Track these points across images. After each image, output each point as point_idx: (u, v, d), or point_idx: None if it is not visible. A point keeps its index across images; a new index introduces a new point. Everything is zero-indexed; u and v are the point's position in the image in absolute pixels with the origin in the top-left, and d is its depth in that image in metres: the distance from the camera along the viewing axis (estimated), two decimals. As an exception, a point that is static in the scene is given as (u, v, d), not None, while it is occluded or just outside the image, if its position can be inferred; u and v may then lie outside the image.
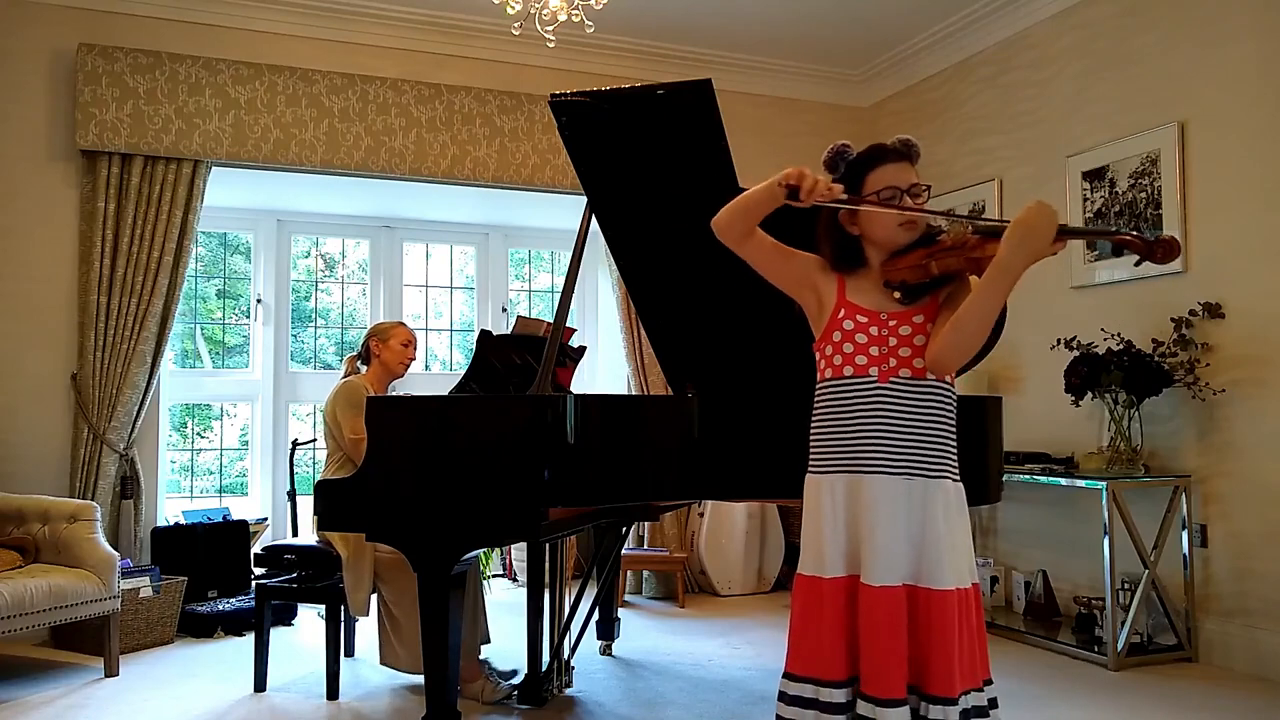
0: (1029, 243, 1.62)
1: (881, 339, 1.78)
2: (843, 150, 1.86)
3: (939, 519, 1.73)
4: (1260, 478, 3.50)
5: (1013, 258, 1.62)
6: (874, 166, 1.82)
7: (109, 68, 4.18)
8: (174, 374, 4.90)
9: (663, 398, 2.95)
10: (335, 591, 3.19)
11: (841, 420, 1.80)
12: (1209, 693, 3.28)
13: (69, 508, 3.60)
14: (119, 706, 3.14)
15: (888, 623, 1.68)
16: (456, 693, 2.58)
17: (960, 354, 1.73)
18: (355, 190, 4.94)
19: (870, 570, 1.71)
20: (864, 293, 1.83)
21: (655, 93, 2.51)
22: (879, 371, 1.77)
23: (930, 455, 1.75)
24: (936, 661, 1.68)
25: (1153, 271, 3.88)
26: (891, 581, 1.70)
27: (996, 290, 1.66)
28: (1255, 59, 3.55)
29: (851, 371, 1.79)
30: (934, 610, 1.69)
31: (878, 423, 1.76)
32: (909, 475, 1.74)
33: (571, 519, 3.03)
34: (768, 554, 5.10)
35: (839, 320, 1.82)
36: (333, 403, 3.34)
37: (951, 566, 1.71)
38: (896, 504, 1.72)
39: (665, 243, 2.87)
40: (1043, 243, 1.62)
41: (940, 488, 1.74)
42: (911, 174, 1.82)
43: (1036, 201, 1.63)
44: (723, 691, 3.31)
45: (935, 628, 1.69)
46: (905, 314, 1.78)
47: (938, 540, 1.72)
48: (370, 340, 3.52)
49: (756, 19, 4.85)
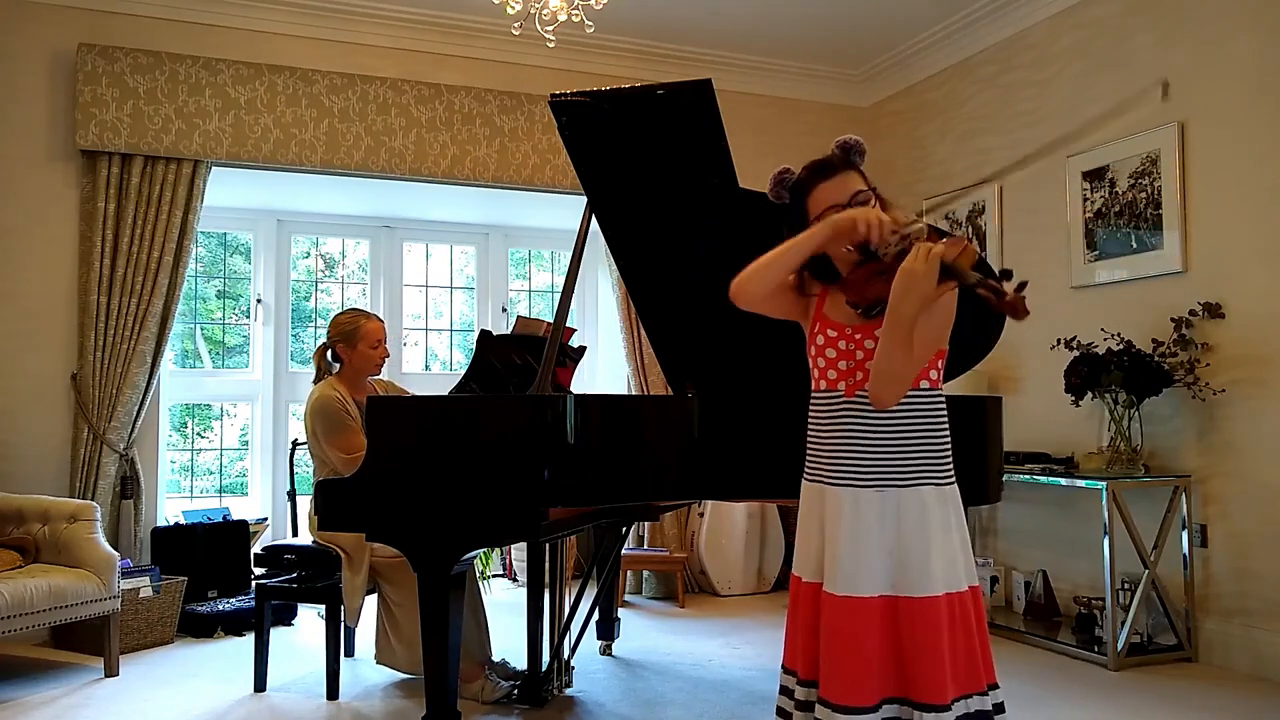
0: (910, 290, 1.61)
1: (849, 353, 1.78)
2: (783, 177, 1.85)
3: (917, 527, 1.71)
4: (1260, 478, 3.50)
5: (897, 305, 1.63)
6: (811, 189, 1.80)
7: (109, 68, 4.18)
8: (174, 374, 4.91)
9: (663, 398, 2.95)
10: (335, 591, 3.19)
11: (817, 433, 1.84)
12: (1209, 693, 3.28)
13: (69, 508, 3.60)
14: (119, 706, 3.14)
15: (846, 631, 1.69)
16: (456, 693, 2.57)
17: (890, 390, 1.71)
18: (355, 190, 4.94)
19: (832, 580, 1.73)
20: (836, 307, 1.83)
21: (655, 93, 2.52)
22: (846, 385, 1.78)
23: (903, 464, 1.73)
24: (924, 669, 1.67)
25: (1153, 271, 3.89)
26: (856, 592, 1.69)
27: (893, 335, 1.65)
28: (1255, 59, 3.55)
29: (825, 385, 1.82)
30: (917, 618, 1.68)
31: (844, 436, 1.77)
32: (880, 486, 1.73)
33: (571, 519, 3.03)
34: (768, 554, 5.10)
35: (814, 334, 1.84)
36: (310, 418, 3.21)
37: (938, 572, 1.70)
38: (869, 516, 1.72)
39: (665, 242, 2.87)
40: (924, 289, 1.61)
41: (915, 495, 1.73)
42: (852, 182, 1.78)
43: (925, 244, 1.61)
44: (723, 691, 3.31)
45: (920, 635, 1.68)
46: (869, 327, 1.76)
47: (916, 548, 1.70)
48: (335, 344, 3.32)
49: (756, 19, 4.85)
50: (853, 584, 1.70)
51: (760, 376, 2.90)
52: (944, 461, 1.78)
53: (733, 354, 3.00)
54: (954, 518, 1.76)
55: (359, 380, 3.37)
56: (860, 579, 1.70)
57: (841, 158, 1.81)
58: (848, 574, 1.71)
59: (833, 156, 1.82)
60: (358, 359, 3.32)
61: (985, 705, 1.72)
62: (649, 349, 4.77)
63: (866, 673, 1.68)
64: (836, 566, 1.72)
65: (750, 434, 2.59)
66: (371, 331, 3.33)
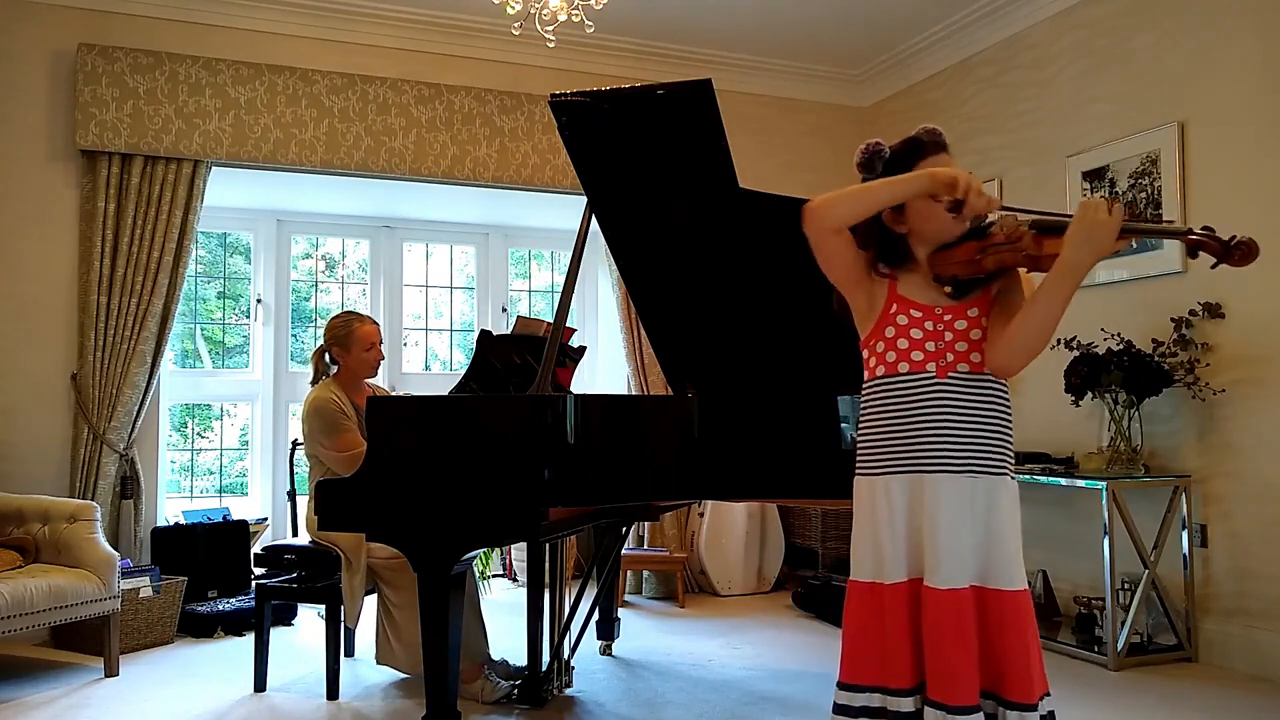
0: (1094, 241, 1.57)
1: (937, 334, 1.72)
2: (878, 150, 1.78)
3: (1004, 517, 1.68)
4: (1260, 478, 3.50)
5: (1078, 257, 1.58)
6: (916, 163, 1.75)
7: (109, 68, 4.18)
8: (174, 374, 4.91)
9: (663, 398, 2.95)
10: (335, 591, 3.19)
11: (898, 418, 1.73)
12: (1209, 693, 3.28)
13: (69, 508, 3.60)
14: (119, 706, 3.13)
15: (955, 626, 1.62)
16: (456, 693, 2.57)
17: (1028, 354, 1.67)
18: (355, 190, 4.94)
19: (935, 573, 1.65)
20: (915, 288, 1.76)
21: (655, 93, 2.51)
22: (937, 367, 1.71)
23: (992, 451, 1.70)
24: (1013, 665, 1.62)
25: (1152, 271, 3.89)
26: (958, 584, 1.64)
27: (1063, 290, 1.61)
28: (1255, 59, 3.55)
29: (907, 368, 1.72)
30: (1006, 611, 1.64)
31: (939, 419, 1.69)
32: (973, 473, 1.68)
33: (571, 519, 3.03)
34: (768, 554, 5.10)
35: (891, 316, 1.75)
36: (306, 420, 3.24)
37: (1020, 566, 1.67)
38: (961, 503, 1.67)
39: (665, 242, 2.87)
40: (1107, 241, 1.57)
41: (1004, 485, 1.70)
42: (951, 164, 1.74)
43: (1098, 197, 1.60)
44: (723, 691, 3.31)
45: (1010, 629, 1.63)
46: (959, 308, 1.72)
47: (1004, 539, 1.67)
48: (331, 348, 3.36)
49: (756, 19, 4.85)
50: (954, 575, 1.64)
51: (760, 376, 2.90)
52: (1012, 453, 1.75)
53: (733, 354, 3.00)
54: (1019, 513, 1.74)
55: (355, 382, 3.40)
56: (957, 570, 1.64)
57: (939, 141, 1.79)
58: (949, 566, 1.64)
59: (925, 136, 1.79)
60: (353, 362, 3.35)
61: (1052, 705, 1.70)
62: (649, 349, 4.77)
63: (973, 667, 1.62)
64: (939, 558, 1.65)
65: (750, 434, 2.58)
66: (365, 335, 3.35)
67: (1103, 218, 1.57)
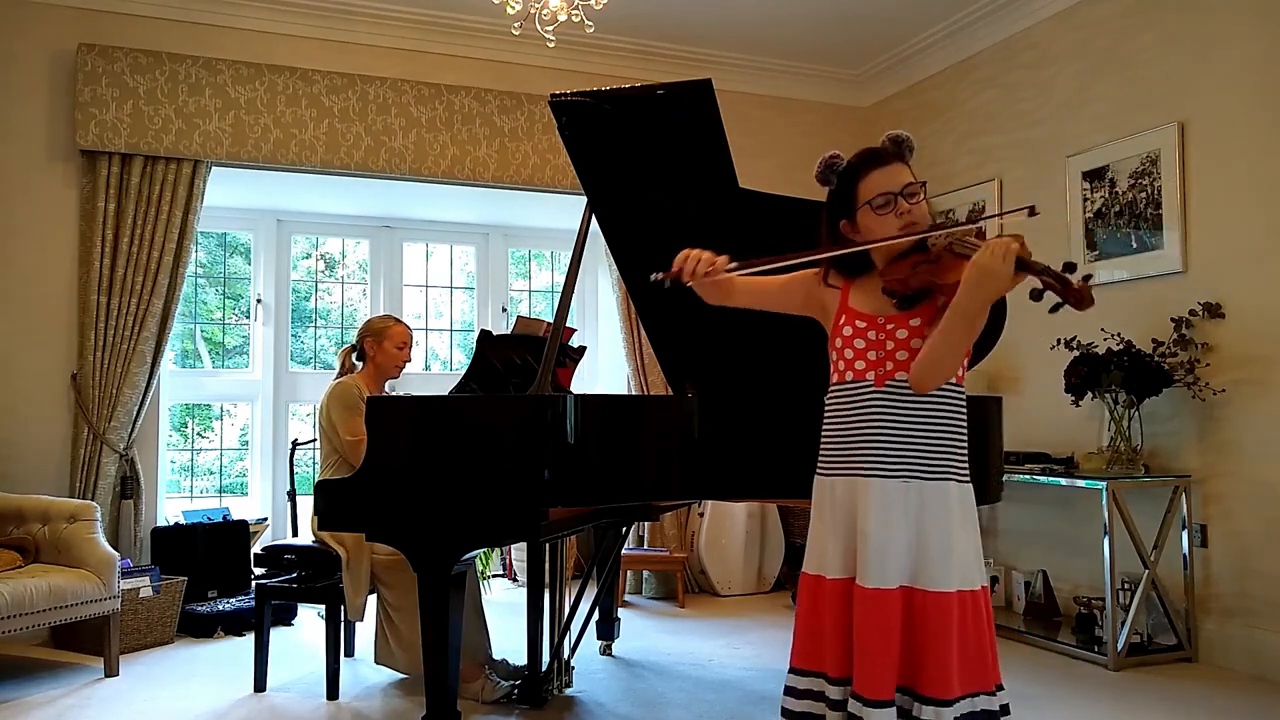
0: (984, 287, 1.60)
1: (879, 343, 1.78)
2: (832, 162, 1.84)
3: (940, 521, 1.72)
4: (1260, 478, 3.50)
5: (970, 301, 1.62)
6: (863, 175, 1.80)
7: (109, 68, 4.18)
8: (174, 374, 4.91)
9: (663, 397, 2.95)
10: (335, 591, 3.19)
11: (842, 424, 1.82)
12: (1209, 693, 3.28)
13: (69, 508, 3.60)
14: (119, 706, 3.13)
15: (879, 625, 1.69)
16: (456, 693, 2.57)
17: (934, 378, 1.73)
18: (355, 190, 4.94)
19: (863, 573, 1.72)
20: (866, 297, 1.82)
21: (655, 93, 2.51)
22: (876, 375, 1.77)
23: (930, 457, 1.74)
24: (932, 663, 1.68)
25: (1152, 271, 3.89)
26: (885, 584, 1.70)
27: (956, 326, 1.66)
28: (1255, 59, 3.55)
29: (851, 376, 1.81)
30: (931, 612, 1.69)
31: (875, 426, 1.76)
32: (906, 478, 1.73)
33: (571, 519, 3.03)
34: (768, 554, 5.10)
35: (839, 327, 1.83)
36: (327, 404, 3.31)
37: (956, 568, 1.71)
38: (892, 507, 1.72)
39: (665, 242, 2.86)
40: (1000, 284, 1.60)
41: (941, 490, 1.74)
42: (904, 174, 1.79)
43: (1007, 237, 1.60)
44: (723, 691, 3.31)
45: (932, 629, 1.69)
46: (902, 318, 1.77)
47: (937, 542, 1.71)
48: (365, 339, 3.47)
49: (756, 19, 4.85)
50: (881, 576, 1.70)
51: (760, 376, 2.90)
52: (965, 458, 1.79)
53: (732, 354, 3.00)
54: (970, 515, 1.77)
55: (379, 381, 3.49)
56: (887, 571, 1.70)
57: (894, 149, 1.82)
58: (877, 567, 1.71)
59: (885, 147, 1.82)
60: (382, 356, 3.45)
61: (993, 705, 1.73)
62: (649, 349, 4.77)
63: (892, 664, 1.69)
64: (867, 559, 1.72)
65: (750, 434, 2.58)
66: (400, 332, 3.49)
67: (996, 265, 1.58)
